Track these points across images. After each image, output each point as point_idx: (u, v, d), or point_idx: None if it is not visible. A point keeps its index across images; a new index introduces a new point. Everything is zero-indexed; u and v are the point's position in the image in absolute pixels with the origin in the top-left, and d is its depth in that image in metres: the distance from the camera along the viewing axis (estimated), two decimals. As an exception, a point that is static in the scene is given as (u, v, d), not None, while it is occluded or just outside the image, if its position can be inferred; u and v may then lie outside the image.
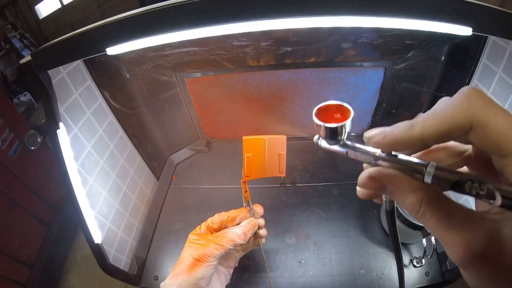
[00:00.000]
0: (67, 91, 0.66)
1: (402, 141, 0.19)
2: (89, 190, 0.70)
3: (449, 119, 0.17)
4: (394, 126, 0.20)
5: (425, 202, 0.19)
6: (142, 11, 0.44)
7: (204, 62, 0.84)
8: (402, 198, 0.20)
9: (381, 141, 0.21)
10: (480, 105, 0.17)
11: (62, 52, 0.54)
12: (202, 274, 0.49)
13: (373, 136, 0.21)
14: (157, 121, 0.98)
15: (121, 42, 0.49)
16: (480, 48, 0.69)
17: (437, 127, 0.18)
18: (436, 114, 0.18)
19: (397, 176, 0.21)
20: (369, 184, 0.23)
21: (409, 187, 0.20)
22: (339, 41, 0.76)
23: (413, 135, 0.19)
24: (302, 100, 0.96)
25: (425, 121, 0.18)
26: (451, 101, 0.18)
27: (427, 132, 0.18)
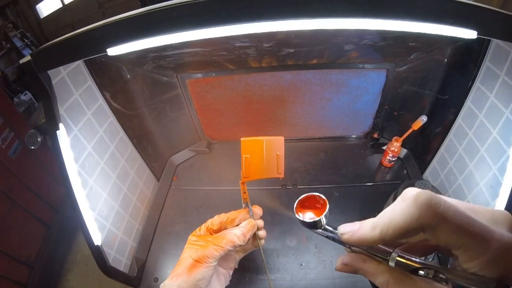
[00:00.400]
0: (67, 91, 0.66)
1: (366, 240, 0.24)
2: (89, 192, 0.70)
3: (403, 226, 0.21)
4: (360, 226, 0.24)
5: (390, 282, 0.23)
6: (143, 12, 0.44)
7: (205, 63, 0.83)
8: (373, 279, 0.25)
9: (349, 239, 0.25)
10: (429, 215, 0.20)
11: (62, 52, 0.53)
12: (202, 275, 0.49)
13: (344, 233, 0.26)
14: (158, 122, 0.98)
15: (122, 42, 0.48)
16: (483, 51, 0.69)
17: (393, 231, 0.22)
18: (392, 221, 0.22)
19: (366, 262, 0.26)
20: (344, 269, 0.27)
21: (377, 270, 0.25)
22: (342, 43, 0.76)
23: (375, 236, 0.23)
24: (304, 102, 0.96)
25: (383, 226, 0.22)
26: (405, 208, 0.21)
27: (386, 235, 0.22)
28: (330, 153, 1.05)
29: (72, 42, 0.51)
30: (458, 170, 0.80)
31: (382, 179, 0.98)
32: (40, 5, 2.72)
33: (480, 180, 0.72)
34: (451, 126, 0.83)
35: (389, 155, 0.96)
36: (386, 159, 0.98)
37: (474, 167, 0.74)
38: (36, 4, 2.71)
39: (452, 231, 0.20)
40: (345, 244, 0.27)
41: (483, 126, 0.71)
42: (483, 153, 0.71)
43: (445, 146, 0.86)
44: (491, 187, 0.68)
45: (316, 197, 0.32)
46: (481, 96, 0.71)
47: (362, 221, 0.25)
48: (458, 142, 0.81)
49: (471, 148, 0.75)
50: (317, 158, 1.04)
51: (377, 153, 1.05)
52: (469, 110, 0.76)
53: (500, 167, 0.65)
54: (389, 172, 1.00)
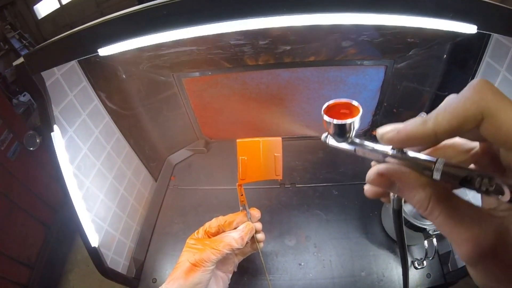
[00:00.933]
0: (61, 92, 0.65)
1: (416, 136, 0.19)
2: (86, 193, 0.69)
3: (461, 112, 0.17)
4: (406, 123, 0.20)
5: (433, 199, 0.19)
6: (133, 10, 0.43)
7: (201, 61, 0.82)
8: (411, 195, 0.20)
9: (394, 137, 0.21)
10: (491, 97, 0.17)
11: (54, 53, 0.53)
12: (199, 279, 0.49)
13: (387, 133, 0.21)
14: (155, 121, 0.97)
15: (113, 42, 0.47)
16: (483, 46, 0.68)
17: (449, 120, 0.18)
18: (448, 108, 0.18)
19: (406, 172, 0.21)
20: (378, 181, 0.22)
21: (418, 183, 0.20)
22: (339, 39, 0.75)
23: (426, 130, 0.19)
24: (301, 100, 0.95)
25: (438, 115, 0.18)
26: (461, 94, 0.18)
27: (440, 126, 0.18)
28: (329, 151, 1.04)
29: (63, 43, 0.50)
30: (459, 167, 0.79)
31: (382, 177, 0.97)
32: (37, 5, 2.71)
33: (481, 177, 0.71)
34: (451, 123, 0.82)
35: (388, 153, 0.95)
36: (385, 157, 0.97)
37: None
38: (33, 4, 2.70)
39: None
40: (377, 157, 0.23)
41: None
42: (484, 150, 0.70)
43: (445, 143, 0.85)
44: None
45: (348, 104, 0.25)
46: (481, 92, 0.70)
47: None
48: (458, 139, 0.80)
49: (471, 144, 0.74)
50: (316, 156, 1.03)
51: (376, 150, 1.04)
52: (469, 106, 0.75)
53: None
54: (389, 170, 0.99)
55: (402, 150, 0.22)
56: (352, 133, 0.25)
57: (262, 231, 0.61)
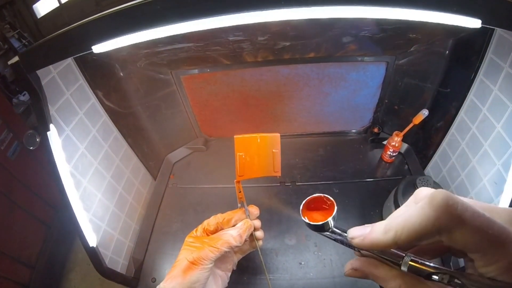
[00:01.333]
0: (58, 91, 0.65)
1: (379, 244, 0.22)
2: (83, 193, 0.68)
3: (419, 229, 0.20)
4: (371, 230, 0.23)
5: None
6: (126, 6, 0.42)
7: (199, 58, 0.81)
8: (384, 284, 0.24)
9: (361, 243, 0.24)
10: (447, 216, 0.19)
11: (49, 51, 0.52)
12: (197, 278, 0.48)
13: (354, 237, 0.24)
14: (153, 120, 0.96)
15: (106, 39, 0.46)
16: (486, 42, 0.66)
17: (408, 236, 0.20)
18: (407, 224, 0.20)
19: (377, 267, 0.24)
20: (354, 274, 0.26)
21: (389, 276, 0.23)
22: (339, 35, 0.73)
23: (387, 240, 0.22)
24: (301, 97, 0.94)
25: (397, 230, 0.21)
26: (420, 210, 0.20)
27: (400, 239, 0.21)
28: (329, 149, 1.03)
29: (57, 41, 0.49)
30: (461, 166, 0.78)
31: (383, 175, 0.96)
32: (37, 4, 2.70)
33: (484, 176, 0.69)
34: (453, 120, 0.81)
35: (389, 150, 0.94)
36: (386, 154, 0.96)
37: (477, 163, 0.72)
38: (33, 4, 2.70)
39: (470, 234, 0.19)
40: (354, 248, 0.26)
41: (486, 120, 0.69)
42: (486, 148, 0.69)
43: (447, 141, 0.84)
44: (495, 183, 0.66)
45: (323, 198, 0.30)
46: (484, 89, 0.69)
47: (373, 224, 0.24)
48: (460, 137, 0.78)
49: (474, 143, 0.73)
50: (316, 154, 1.02)
51: (377, 148, 1.03)
52: (471, 103, 0.74)
53: (504, 163, 0.63)
54: (389, 168, 0.98)
55: None
56: (331, 225, 0.28)
57: (261, 229, 0.59)
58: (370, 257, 0.25)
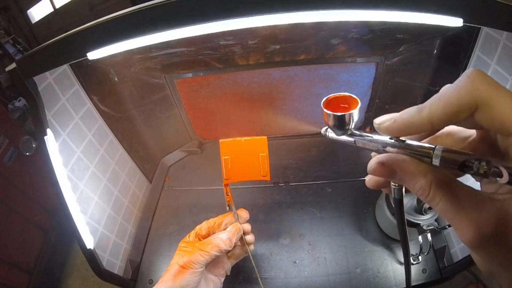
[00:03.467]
0: (54, 96, 0.66)
1: (412, 125, 0.20)
2: (80, 196, 0.69)
3: (455, 100, 0.18)
4: (402, 112, 0.21)
5: (434, 185, 0.19)
6: (119, 15, 0.43)
7: (192, 62, 0.83)
8: (412, 183, 0.21)
9: (391, 126, 0.21)
10: (485, 86, 0.17)
11: (45, 58, 0.53)
12: (187, 281, 0.49)
13: (383, 122, 0.21)
14: (148, 123, 0.97)
15: (101, 46, 0.48)
16: (472, 40, 0.68)
17: (444, 109, 0.18)
18: (442, 97, 0.18)
19: (406, 160, 0.21)
20: (379, 170, 0.22)
21: (418, 170, 0.20)
22: (328, 37, 0.75)
23: (421, 118, 0.19)
24: (293, 98, 0.95)
25: (433, 104, 0.19)
26: (456, 83, 0.18)
27: (435, 115, 0.18)
28: (322, 149, 1.05)
29: (53, 48, 0.51)
30: (451, 162, 0.80)
31: (376, 173, 0.97)
32: (31, 10, 2.70)
33: (474, 173, 0.71)
34: (443, 118, 0.82)
35: (382, 149, 0.96)
36: (379, 153, 0.97)
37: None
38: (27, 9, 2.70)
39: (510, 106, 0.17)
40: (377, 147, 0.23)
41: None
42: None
43: (437, 138, 0.86)
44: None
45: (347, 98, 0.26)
46: (472, 86, 0.71)
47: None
48: (450, 134, 0.80)
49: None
50: (309, 154, 1.03)
51: (370, 147, 1.04)
52: (460, 101, 0.75)
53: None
54: (382, 166, 0.99)
55: (401, 139, 0.22)
56: (351, 125, 0.25)
57: (252, 232, 0.60)
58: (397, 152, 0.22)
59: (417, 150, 0.21)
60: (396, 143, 0.22)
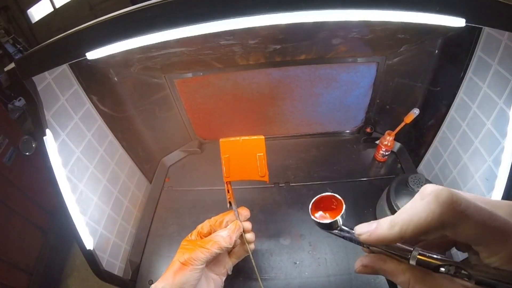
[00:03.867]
0: (53, 97, 0.66)
1: (384, 239, 0.24)
2: (79, 196, 0.69)
3: (424, 224, 0.21)
4: (377, 226, 0.24)
5: (412, 281, 0.24)
6: (117, 14, 0.43)
7: (192, 62, 0.82)
8: (394, 279, 0.25)
9: (367, 239, 0.25)
10: (451, 212, 0.20)
11: (44, 58, 0.53)
12: (186, 278, 0.49)
13: (361, 234, 0.26)
14: (148, 123, 0.97)
15: (99, 46, 0.47)
16: (474, 40, 0.68)
17: (413, 230, 0.22)
18: (413, 219, 0.22)
19: (386, 262, 0.25)
20: (364, 271, 0.27)
21: (398, 270, 0.25)
22: (329, 37, 0.75)
23: (393, 235, 0.23)
24: (294, 98, 0.95)
25: (403, 224, 0.22)
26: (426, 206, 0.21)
27: (405, 233, 0.22)
28: (322, 149, 1.05)
29: (52, 48, 0.50)
30: (453, 163, 0.79)
31: (376, 174, 0.97)
32: (31, 9, 2.70)
33: (475, 172, 0.71)
34: (444, 119, 0.82)
35: (382, 150, 0.95)
36: (379, 154, 0.97)
37: (468, 160, 0.73)
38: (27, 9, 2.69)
39: (474, 228, 0.20)
40: (363, 244, 0.27)
41: (476, 118, 0.70)
42: (477, 145, 0.70)
43: (439, 138, 0.86)
44: (486, 180, 0.67)
45: (331, 198, 0.31)
46: (473, 86, 0.70)
47: (379, 220, 0.25)
48: (451, 135, 0.80)
49: (464, 140, 0.74)
50: (310, 154, 1.03)
51: (370, 147, 1.04)
52: (461, 101, 0.75)
53: (494, 159, 0.64)
54: (383, 167, 0.99)
55: None
56: (340, 224, 0.29)
57: (253, 231, 0.60)
58: (379, 253, 0.26)
59: (396, 252, 0.25)
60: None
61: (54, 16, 2.80)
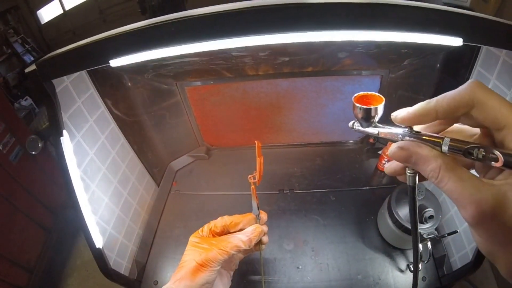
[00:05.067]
0: (70, 99, 0.68)
1: (421, 113, 0.25)
2: (91, 196, 0.71)
3: (457, 97, 0.23)
4: (415, 105, 0.25)
5: (443, 168, 0.23)
6: (144, 25, 0.46)
7: (204, 71, 0.85)
8: (424, 166, 0.25)
9: (406, 116, 0.26)
10: (480, 90, 0.22)
11: (67, 62, 0.55)
12: (205, 280, 0.48)
13: (399, 113, 0.26)
14: (158, 128, 1.00)
15: (124, 54, 0.50)
16: (474, 56, 0.71)
17: (448, 103, 0.23)
18: (447, 94, 0.24)
19: (421, 146, 0.25)
20: (398, 154, 0.27)
21: (431, 155, 0.24)
22: (336, 51, 0.78)
23: (429, 108, 0.24)
24: (300, 109, 0.98)
25: (439, 99, 0.24)
26: (459, 87, 0.23)
27: (441, 106, 0.24)
28: (326, 158, 1.07)
29: (76, 53, 0.53)
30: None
31: (378, 183, 1.00)
32: (41, 10, 2.75)
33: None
34: (444, 131, 0.85)
35: (384, 160, 0.98)
36: (382, 164, 1.00)
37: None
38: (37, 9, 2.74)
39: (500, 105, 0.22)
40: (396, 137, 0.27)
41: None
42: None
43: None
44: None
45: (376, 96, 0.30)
46: (473, 100, 0.73)
47: None
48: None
49: (464, 152, 0.77)
50: (314, 163, 1.06)
51: (373, 157, 1.07)
52: (461, 115, 0.78)
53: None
54: (385, 176, 1.02)
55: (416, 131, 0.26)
56: (376, 118, 0.29)
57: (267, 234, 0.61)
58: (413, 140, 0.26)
59: (429, 139, 0.25)
60: (413, 134, 0.26)
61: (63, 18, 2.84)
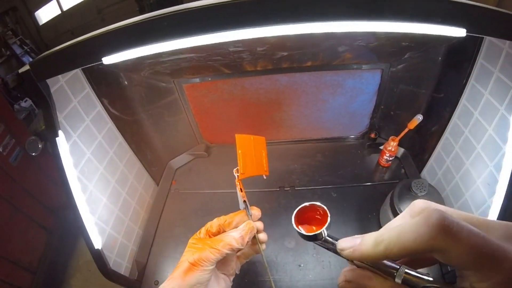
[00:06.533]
0: (66, 99, 0.67)
1: (368, 257, 0.22)
2: (89, 197, 0.70)
3: (412, 246, 0.20)
4: (361, 242, 0.23)
5: None
6: (135, 21, 0.45)
7: (201, 68, 0.84)
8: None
9: (350, 255, 0.24)
10: (442, 237, 0.19)
11: (60, 61, 0.54)
12: (197, 279, 0.48)
13: (344, 249, 0.24)
14: (156, 127, 0.99)
15: (116, 51, 0.49)
16: (476, 48, 0.69)
17: (400, 250, 0.20)
18: (400, 240, 0.20)
19: (371, 279, 0.24)
20: (347, 286, 0.25)
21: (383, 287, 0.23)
22: (335, 45, 0.76)
23: (377, 253, 0.22)
24: (300, 104, 0.96)
25: (389, 243, 0.21)
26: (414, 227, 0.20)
27: (390, 252, 0.21)
28: (327, 154, 1.06)
29: (68, 52, 0.52)
30: (455, 168, 0.81)
31: (380, 179, 0.98)
32: (39, 11, 2.74)
33: (477, 177, 0.72)
34: (447, 125, 0.83)
35: (386, 155, 0.97)
36: (383, 159, 0.99)
37: (470, 165, 0.75)
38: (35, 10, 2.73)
39: (465, 253, 0.19)
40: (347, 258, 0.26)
41: (478, 124, 0.71)
42: (479, 151, 0.71)
43: (442, 144, 0.87)
44: (488, 185, 0.68)
45: (316, 207, 0.29)
46: (476, 93, 0.72)
47: (363, 235, 0.23)
48: (454, 140, 0.81)
49: (467, 146, 0.76)
50: (315, 159, 1.04)
51: (374, 153, 1.05)
52: (464, 108, 0.76)
53: (496, 164, 0.65)
54: (386, 172, 1.00)
55: None
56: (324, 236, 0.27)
57: (264, 231, 0.60)
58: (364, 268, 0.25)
59: (382, 269, 0.23)
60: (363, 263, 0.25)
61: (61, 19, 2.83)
